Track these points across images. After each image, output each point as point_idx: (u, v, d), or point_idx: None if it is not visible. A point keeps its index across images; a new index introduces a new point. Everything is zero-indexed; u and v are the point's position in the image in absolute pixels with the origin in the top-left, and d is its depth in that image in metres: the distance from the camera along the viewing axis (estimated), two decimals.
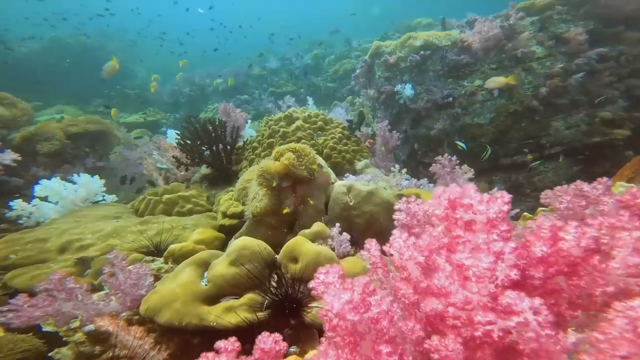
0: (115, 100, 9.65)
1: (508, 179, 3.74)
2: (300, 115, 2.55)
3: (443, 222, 0.65)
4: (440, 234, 0.65)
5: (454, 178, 2.18)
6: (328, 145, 2.39)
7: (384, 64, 4.30)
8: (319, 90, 7.52)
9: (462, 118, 3.76)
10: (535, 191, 3.62)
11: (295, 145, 1.70)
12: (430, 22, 7.79)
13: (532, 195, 3.73)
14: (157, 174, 2.97)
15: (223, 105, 3.30)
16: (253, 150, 2.63)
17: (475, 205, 0.59)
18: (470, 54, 3.55)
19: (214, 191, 2.84)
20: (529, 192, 3.71)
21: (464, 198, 0.62)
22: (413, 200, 1.31)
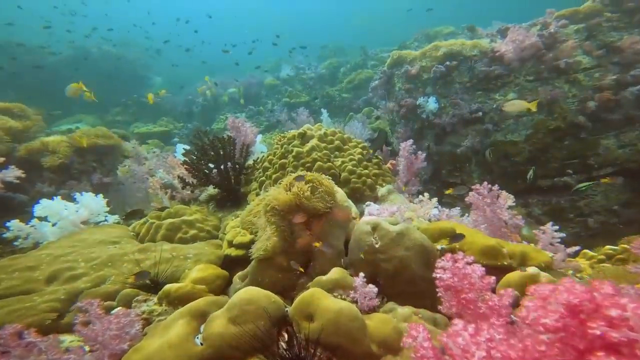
0: (131, 109, 9.82)
1: (547, 202, 3.38)
2: (315, 134, 2.33)
3: (556, 333, 0.41)
4: (550, 346, 0.42)
5: (495, 210, 1.89)
6: (346, 168, 2.15)
7: (404, 75, 4.07)
8: (334, 101, 7.34)
9: (493, 134, 3.45)
10: (581, 216, 3.24)
11: (309, 173, 1.48)
12: (452, 30, 7.53)
13: (575, 220, 3.35)
14: (162, 193, 2.81)
15: (232, 119, 3.14)
16: (264, 171, 2.42)
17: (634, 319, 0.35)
18: (503, 64, 3.26)
19: (220, 214, 2.64)
20: (572, 217, 3.34)
21: (601, 305, 0.39)
22: (461, 257, 1.05)
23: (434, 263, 1.45)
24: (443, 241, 1.71)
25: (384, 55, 8.60)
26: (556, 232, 1.75)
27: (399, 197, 2.20)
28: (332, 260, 1.47)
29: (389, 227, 1.41)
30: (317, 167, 2.13)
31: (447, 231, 1.73)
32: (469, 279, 0.94)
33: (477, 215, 1.95)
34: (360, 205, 2.14)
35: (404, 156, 2.49)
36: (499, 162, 3.52)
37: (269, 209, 1.40)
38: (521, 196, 3.54)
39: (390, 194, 2.17)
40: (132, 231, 2.41)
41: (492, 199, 1.89)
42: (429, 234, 1.75)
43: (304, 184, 1.46)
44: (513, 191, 3.56)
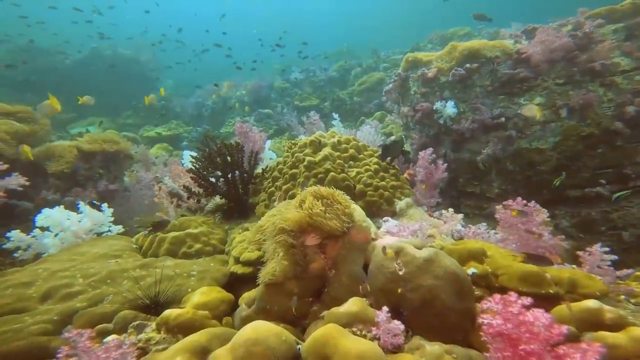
0: (142, 113, 9.88)
1: (576, 214, 3.14)
2: (328, 141, 2.18)
3: None
4: None
5: (530, 229, 1.69)
6: (362, 180, 1.99)
7: (420, 78, 3.88)
8: (344, 105, 7.18)
9: (517, 141, 3.23)
10: (614, 229, 2.99)
11: (322, 189, 1.32)
12: (468, 31, 7.30)
13: (607, 234, 3.09)
14: (168, 202, 2.70)
15: (239, 124, 3.02)
16: (273, 181, 2.28)
17: None
18: (529, 67, 3.05)
19: (227, 225, 2.51)
20: (603, 229, 3.09)
21: None
22: (515, 299, 0.87)
23: (467, 293, 1.28)
24: (472, 263, 1.53)
25: (397, 57, 8.41)
26: (606, 255, 1.54)
27: (419, 212, 2.02)
28: (349, 287, 1.31)
29: (414, 252, 1.24)
30: (331, 178, 1.97)
31: (477, 252, 1.55)
32: (529, 327, 0.76)
33: (508, 234, 1.76)
34: (376, 220, 1.97)
35: (423, 166, 2.32)
36: (523, 171, 3.29)
37: (278, 229, 1.25)
38: (547, 207, 3.27)
39: (410, 208, 2.00)
40: (135, 244, 2.30)
41: (527, 217, 1.69)
42: (456, 255, 1.57)
43: (316, 200, 1.31)
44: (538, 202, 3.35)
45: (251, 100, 8.67)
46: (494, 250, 1.59)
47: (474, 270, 1.41)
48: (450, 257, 1.29)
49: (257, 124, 7.56)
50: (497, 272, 1.44)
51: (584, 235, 3.36)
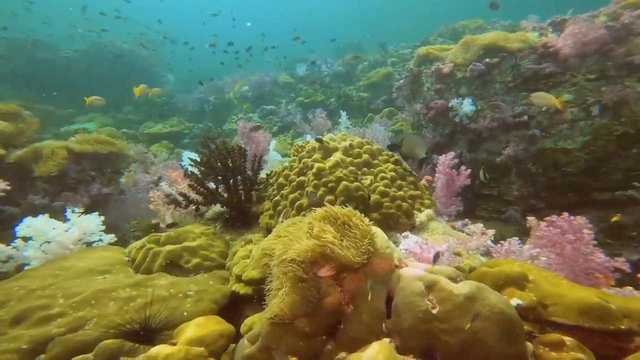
0: (142, 108, 9.68)
1: (604, 218, 2.90)
2: (339, 145, 1.95)
3: None
4: None
5: (578, 249, 1.46)
6: (377, 189, 1.77)
7: (435, 73, 3.63)
8: (351, 101, 6.92)
9: (541, 141, 2.98)
10: None
11: (336, 210, 1.10)
12: (480, 24, 6.96)
13: (638, 239, 2.86)
14: (165, 209, 2.50)
15: (242, 124, 2.80)
16: (279, 189, 2.07)
17: None
18: (557, 61, 2.79)
19: (229, 236, 2.31)
20: (634, 235, 2.85)
21: None
22: None
23: (518, 335, 1.06)
24: (512, 290, 1.30)
25: (405, 51, 8.11)
26: None
27: (441, 226, 1.80)
28: (370, 325, 1.10)
29: (451, 287, 1.03)
30: (343, 188, 1.75)
31: (516, 277, 1.33)
32: None
33: (551, 253, 1.53)
34: (394, 234, 1.75)
35: (444, 172, 2.08)
36: (546, 173, 3.05)
37: (286, 261, 1.04)
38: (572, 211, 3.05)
39: (431, 222, 1.78)
40: (128, 256, 2.11)
41: (575, 234, 1.46)
42: (490, 280, 1.35)
43: (330, 224, 1.09)
44: (562, 205, 3.11)
45: (254, 95, 8.43)
46: (536, 273, 1.36)
47: (518, 301, 1.19)
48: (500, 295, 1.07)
49: (261, 120, 7.33)
50: (545, 302, 1.22)
51: (612, 241, 3.13)
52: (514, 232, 3.41)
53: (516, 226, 3.37)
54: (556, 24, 3.02)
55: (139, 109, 9.61)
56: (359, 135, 4.00)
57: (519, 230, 3.36)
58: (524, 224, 3.35)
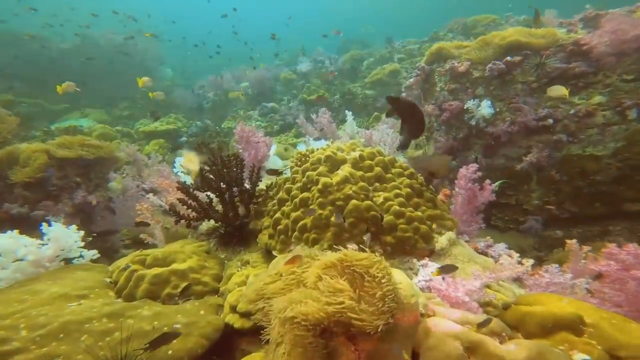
0: (139, 104, 9.47)
1: (637, 230, 2.68)
2: (348, 157, 1.74)
3: None
4: None
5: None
6: (392, 209, 1.55)
7: (449, 72, 3.39)
8: (356, 99, 6.68)
9: (567, 147, 2.76)
10: None
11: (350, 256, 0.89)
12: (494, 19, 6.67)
13: None
14: (154, 223, 2.29)
15: (240, 127, 2.58)
16: (279, 204, 1.86)
17: None
18: (589, 60, 2.55)
19: (224, 254, 2.11)
20: None
21: None
22: None
23: None
24: (565, 337, 1.08)
25: (412, 47, 7.83)
26: None
27: (466, 251, 1.58)
28: None
29: (501, 351, 0.81)
30: (353, 207, 1.54)
31: (570, 320, 1.10)
32: None
33: (610, 289, 1.30)
34: (409, 259, 1.54)
35: (464, 187, 1.86)
36: (572, 181, 2.83)
37: (288, 318, 0.83)
38: (600, 222, 2.85)
39: (454, 247, 1.56)
40: (110, 276, 1.91)
41: None
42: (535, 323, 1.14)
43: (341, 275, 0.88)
44: (589, 216, 2.89)
45: (255, 92, 8.19)
46: (594, 313, 1.14)
47: (584, 357, 0.97)
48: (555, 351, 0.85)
49: (262, 118, 7.11)
50: (618, 354, 1.00)
51: None
52: (534, 243, 3.21)
53: (536, 238, 3.16)
54: (589, 19, 2.78)
55: (136, 104, 9.40)
56: (365, 137, 3.78)
57: (539, 242, 3.15)
58: (545, 235, 3.16)
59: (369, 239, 1.60)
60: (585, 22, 2.81)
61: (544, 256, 3.10)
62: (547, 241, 3.08)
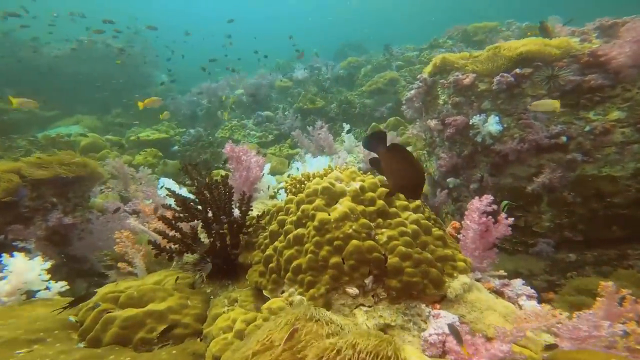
0: (131, 110, 9.28)
1: None
2: (347, 188, 1.56)
3: None
4: None
5: None
6: (397, 250, 1.38)
7: (452, 84, 3.24)
8: (353, 109, 6.53)
9: (582, 167, 2.61)
10: None
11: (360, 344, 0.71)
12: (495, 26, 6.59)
13: None
14: (133, 252, 2.10)
15: (230, 146, 2.40)
16: (271, 238, 1.68)
17: None
18: (606, 72, 2.41)
19: (210, 288, 1.91)
20: None
21: None
22: None
23: None
24: None
25: (411, 54, 7.74)
26: None
27: (483, 297, 1.40)
28: None
29: None
30: (353, 248, 1.37)
31: None
32: None
33: None
34: (417, 304, 1.36)
35: (474, 219, 1.69)
36: (587, 203, 2.67)
37: None
38: (617, 246, 2.69)
39: (469, 292, 1.38)
40: (75, 317, 1.71)
41: None
42: None
43: None
44: (605, 240, 2.73)
45: (250, 100, 8.04)
46: None
47: None
48: None
49: (256, 128, 6.94)
50: None
51: None
52: (545, 267, 3.04)
53: (547, 261, 3.00)
54: (605, 28, 2.65)
55: (129, 111, 9.22)
56: (363, 152, 3.62)
57: (551, 266, 2.98)
58: (557, 258, 2.99)
59: (371, 282, 1.42)
60: (602, 31, 2.68)
61: (556, 280, 2.93)
62: (559, 265, 2.91)
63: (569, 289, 2.47)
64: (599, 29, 2.72)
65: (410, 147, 4.80)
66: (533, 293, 1.55)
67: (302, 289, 1.44)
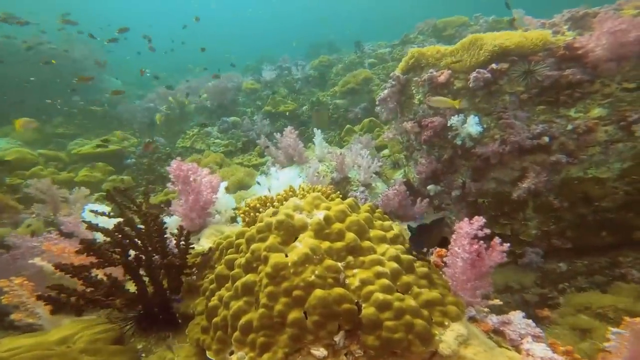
0: (76, 119, 8.51)
1: None
2: (309, 221, 1.29)
3: None
4: None
5: None
6: (372, 297, 1.13)
7: (427, 82, 3.08)
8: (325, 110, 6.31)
9: (567, 169, 2.50)
10: None
11: None
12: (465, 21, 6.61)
13: None
14: (33, 303, 1.70)
15: (176, 164, 2.06)
16: (218, 283, 1.37)
17: None
18: (583, 66, 2.31)
19: (142, 343, 1.57)
20: None
21: None
22: None
23: None
24: None
25: (384, 51, 7.64)
26: None
27: (481, 349, 1.18)
28: None
29: None
30: (317, 301, 1.10)
31: None
32: None
33: None
34: None
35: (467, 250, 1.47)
36: (574, 208, 2.57)
37: None
38: (608, 253, 2.62)
39: (467, 347, 1.15)
40: None
41: None
42: None
43: None
44: (595, 247, 2.65)
45: (214, 105, 7.60)
46: None
47: None
48: None
49: (222, 136, 6.53)
50: None
51: None
52: (536, 279, 2.92)
53: (537, 272, 2.88)
54: (577, 19, 2.57)
55: (73, 120, 8.44)
56: (336, 161, 3.37)
57: (541, 277, 2.87)
58: (547, 269, 2.88)
59: (342, 339, 1.16)
60: (573, 22, 2.61)
61: (549, 293, 2.82)
62: (550, 276, 2.80)
63: (567, 308, 2.34)
64: (571, 20, 2.65)
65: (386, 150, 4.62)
66: (539, 333, 1.36)
67: (254, 354, 1.15)
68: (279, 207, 1.36)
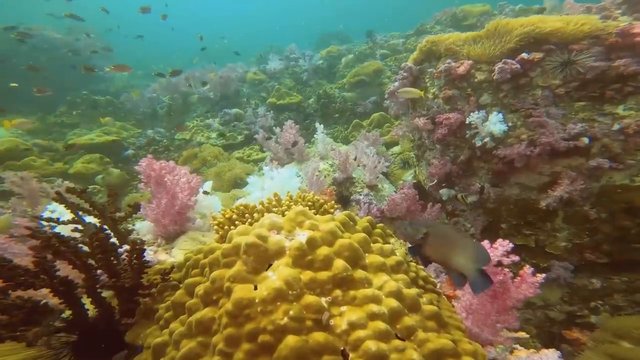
0: (80, 108, 8.45)
1: None
2: (287, 244, 1.02)
3: None
4: None
5: None
6: (362, 347, 0.87)
7: (444, 74, 2.75)
8: (333, 103, 6.00)
9: (609, 176, 2.16)
10: None
11: None
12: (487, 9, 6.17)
13: None
14: None
15: (146, 161, 1.82)
16: (175, 311, 1.13)
17: None
18: (638, 56, 1.96)
19: None
20: None
21: None
22: None
23: None
24: None
25: (397, 41, 7.26)
26: None
27: None
28: None
29: None
30: (289, 351, 0.84)
31: None
32: None
33: None
34: None
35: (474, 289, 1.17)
36: (615, 220, 2.23)
37: None
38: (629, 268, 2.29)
39: None
40: None
41: None
42: None
43: None
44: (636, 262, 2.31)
45: (218, 96, 7.38)
46: None
47: None
48: None
49: (223, 128, 6.31)
50: None
51: None
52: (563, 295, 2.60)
53: (565, 289, 2.56)
54: (635, 2, 2.20)
55: (75, 109, 8.38)
56: (339, 159, 3.09)
57: (570, 294, 2.55)
58: (578, 285, 2.55)
59: None
60: (630, 5, 2.24)
61: (577, 311, 2.50)
62: (580, 292, 2.48)
63: (604, 333, 2.01)
64: (626, 3, 2.28)
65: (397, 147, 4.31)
66: None
67: None
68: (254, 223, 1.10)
